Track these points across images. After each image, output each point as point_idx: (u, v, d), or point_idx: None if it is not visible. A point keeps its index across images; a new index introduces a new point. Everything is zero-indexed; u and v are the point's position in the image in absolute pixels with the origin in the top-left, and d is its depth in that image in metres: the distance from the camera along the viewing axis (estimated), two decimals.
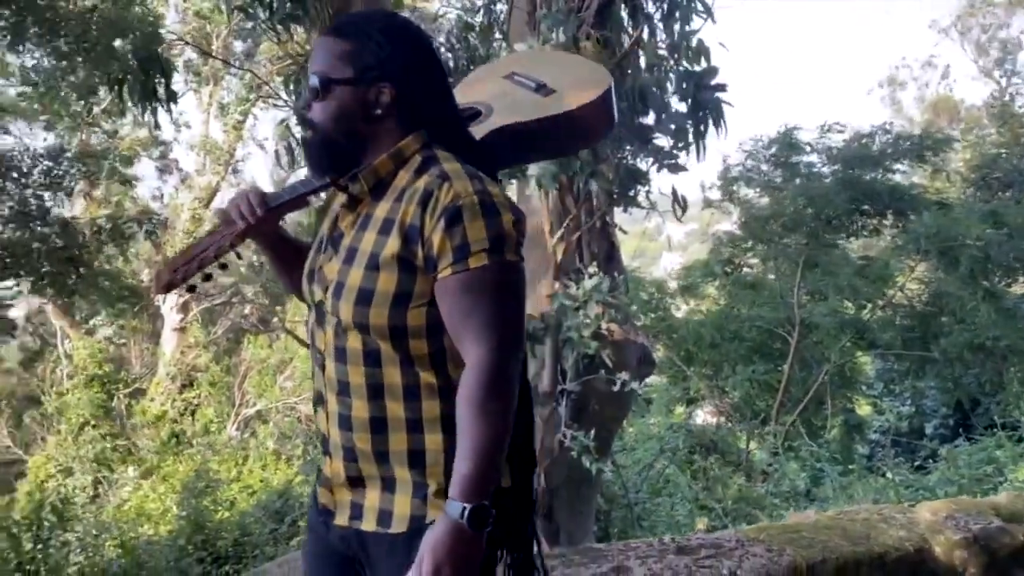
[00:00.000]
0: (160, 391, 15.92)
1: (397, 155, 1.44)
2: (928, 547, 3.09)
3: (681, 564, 2.81)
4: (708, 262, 12.62)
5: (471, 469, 1.29)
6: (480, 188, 1.36)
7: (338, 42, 1.44)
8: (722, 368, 11.50)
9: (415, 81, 1.44)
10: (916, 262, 11.49)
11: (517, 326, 1.37)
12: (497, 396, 1.31)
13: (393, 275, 1.36)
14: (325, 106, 1.43)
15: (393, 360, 1.39)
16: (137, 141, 16.52)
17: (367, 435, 1.41)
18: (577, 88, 1.66)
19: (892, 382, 13.50)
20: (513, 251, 1.36)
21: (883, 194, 10.69)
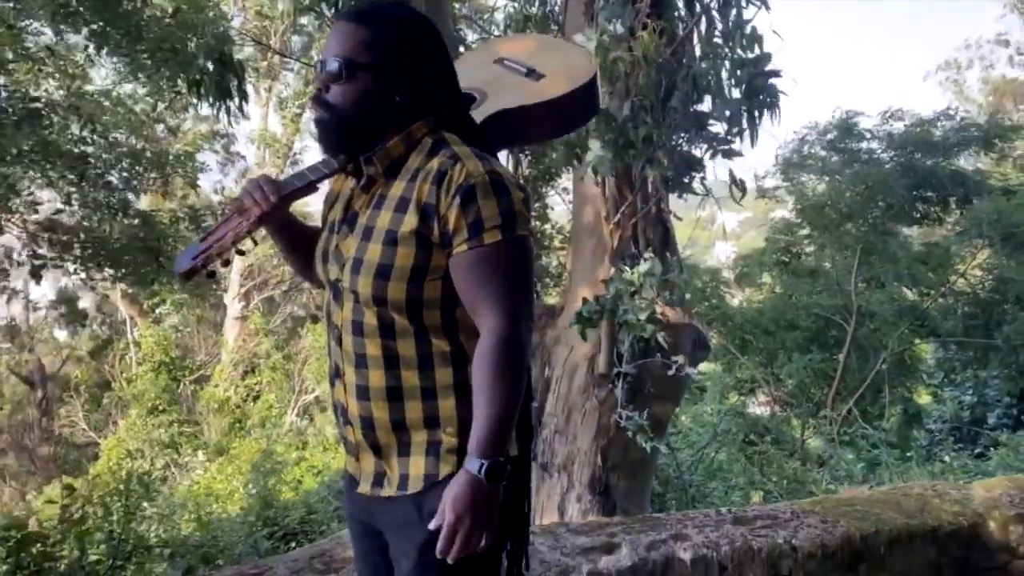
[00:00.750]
0: (224, 377, 16.46)
1: (408, 138, 1.51)
2: (982, 523, 3.14)
3: (737, 533, 2.92)
4: (765, 250, 12.54)
5: (488, 428, 1.37)
6: (491, 168, 1.43)
7: (360, 29, 1.48)
8: (777, 356, 11.46)
9: (429, 70, 1.52)
10: (978, 249, 11.27)
11: (528, 297, 1.46)
12: (511, 362, 1.39)
13: (411, 250, 1.43)
14: (346, 89, 1.48)
15: (407, 331, 1.47)
16: (200, 136, 17.07)
17: (384, 403, 1.48)
18: (565, 74, 1.72)
19: (953, 371, 13.27)
20: (523, 227, 1.44)
21: (944, 180, 10.50)
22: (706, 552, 2.81)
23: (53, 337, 18.86)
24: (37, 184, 6.80)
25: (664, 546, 2.81)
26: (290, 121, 17.36)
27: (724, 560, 2.82)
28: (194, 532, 6.31)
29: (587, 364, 5.06)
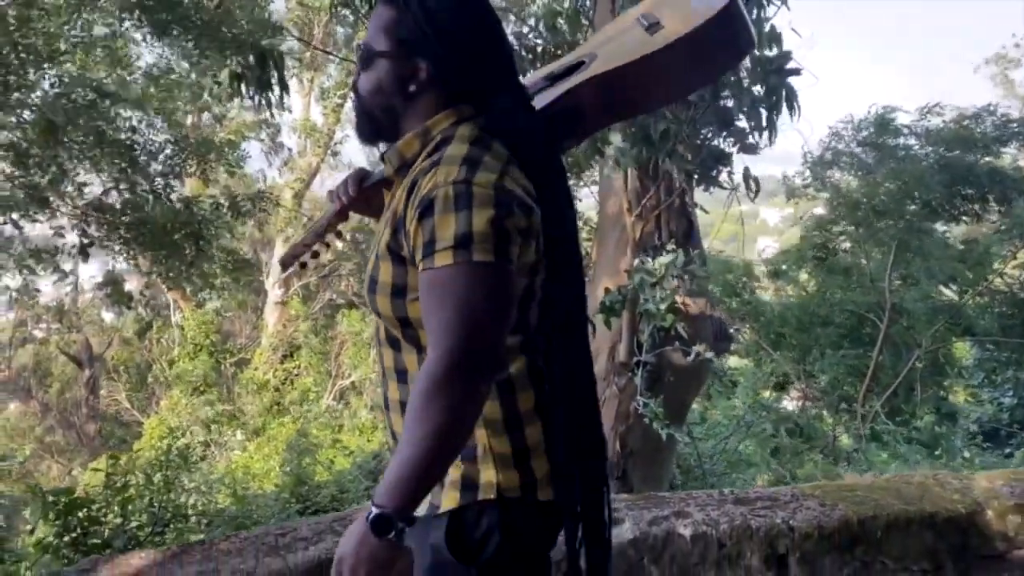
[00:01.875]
0: (263, 361, 16.90)
1: (424, 134, 1.36)
2: (981, 511, 3.22)
3: (737, 512, 3.05)
4: (801, 246, 12.51)
5: (393, 475, 1.20)
6: (462, 178, 1.22)
7: (385, 10, 1.38)
8: (810, 352, 11.44)
9: (455, 55, 1.34)
10: (1018, 248, 11.12)
11: (479, 332, 1.21)
12: (438, 405, 1.18)
13: (389, 266, 1.31)
14: (367, 77, 1.40)
15: (409, 348, 1.36)
16: (244, 124, 17.48)
17: (399, 417, 1.38)
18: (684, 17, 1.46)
19: (994, 371, 13.10)
20: (486, 250, 1.20)
21: (983, 177, 10.38)
22: (706, 529, 2.94)
23: (100, 318, 19.43)
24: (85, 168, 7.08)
25: (665, 522, 2.95)
26: (331, 111, 17.67)
27: (723, 537, 2.95)
28: (230, 505, 6.60)
29: (608, 352, 5.20)
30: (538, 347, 1.38)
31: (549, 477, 1.36)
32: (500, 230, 1.22)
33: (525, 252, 1.28)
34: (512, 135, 1.34)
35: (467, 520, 1.33)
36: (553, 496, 1.36)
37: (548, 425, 1.37)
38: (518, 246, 1.25)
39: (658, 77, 1.49)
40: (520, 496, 1.33)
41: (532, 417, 1.37)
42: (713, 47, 1.47)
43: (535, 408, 1.37)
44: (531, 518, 1.36)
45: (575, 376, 1.41)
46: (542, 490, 1.35)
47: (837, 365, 11.09)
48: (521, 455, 1.35)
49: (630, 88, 1.49)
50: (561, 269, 1.38)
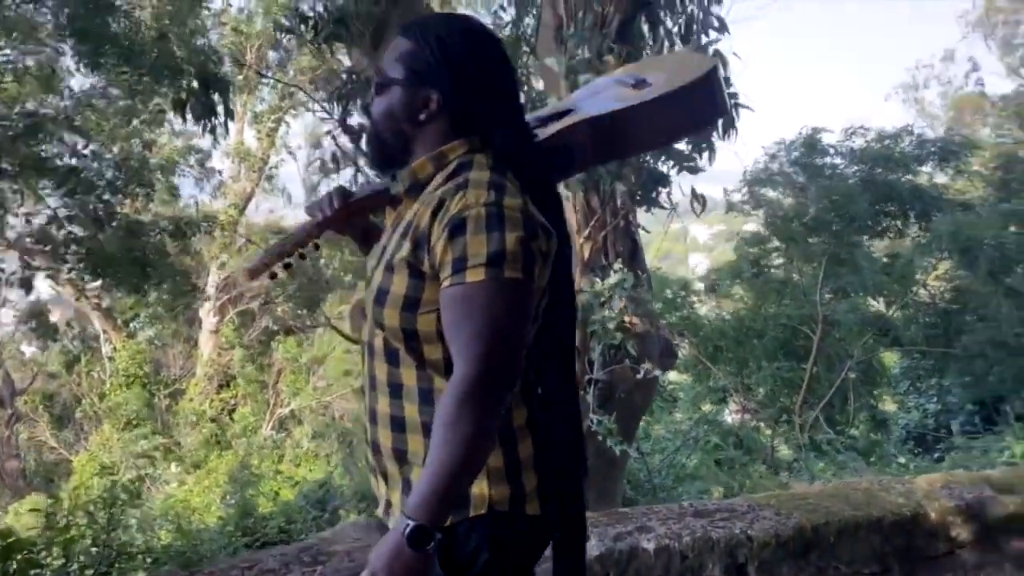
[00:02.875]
0: (199, 391, 16.49)
1: (438, 159, 1.43)
2: (924, 513, 3.38)
3: (698, 525, 3.13)
4: (735, 262, 12.87)
5: (425, 487, 1.24)
6: (493, 200, 1.30)
7: (401, 41, 1.45)
8: (747, 365, 11.74)
9: (466, 87, 1.41)
10: (938, 261, 11.65)
11: (506, 346, 1.29)
12: (468, 416, 1.24)
13: (404, 279, 1.36)
14: (380, 103, 1.46)
15: (409, 362, 1.39)
16: (175, 150, 17.14)
17: (388, 432, 1.42)
18: (668, 78, 1.62)
19: (918, 379, 13.64)
20: (516, 268, 1.28)
21: (905, 195, 10.89)
22: (668, 542, 3.01)
23: (20, 352, 18.70)
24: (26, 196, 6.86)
25: (629, 537, 3.01)
26: (265, 136, 17.47)
27: (685, 550, 3.03)
28: (175, 540, 6.42)
29: None
30: (531, 365, 1.42)
31: (537, 491, 1.40)
32: (528, 250, 1.29)
33: (542, 274, 1.35)
34: (519, 167, 1.42)
35: (457, 536, 1.36)
36: (541, 510, 1.40)
37: (538, 441, 1.42)
38: (539, 267, 1.33)
39: (645, 125, 1.63)
40: (509, 510, 1.37)
41: (524, 432, 1.41)
42: (693, 105, 1.64)
43: (527, 423, 1.42)
44: (519, 532, 1.39)
45: (564, 395, 1.48)
46: (530, 504, 1.39)
47: (773, 377, 11.40)
48: (513, 469, 1.39)
49: (619, 132, 1.62)
50: (559, 294, 1.45)
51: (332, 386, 15.97)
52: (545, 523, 1.42)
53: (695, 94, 1.61)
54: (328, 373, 15.98)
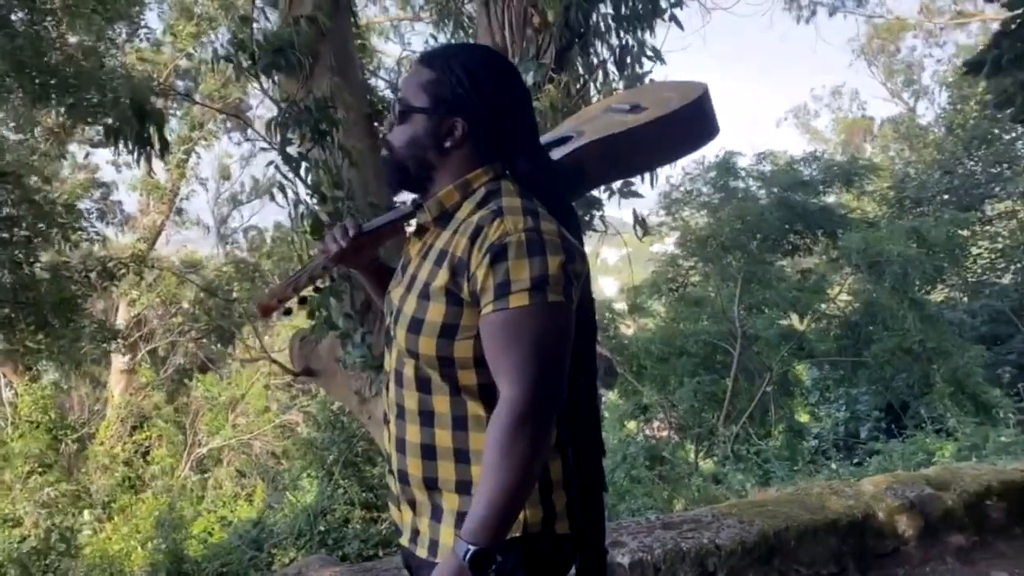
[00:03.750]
0: (110, 434, 15.75)
1: (464, 186, 1.44)
2: (873, 513, 3.57)
3: (668, 537, 3.22)
4: (654, 281, 13.23)
5: (484, 511, 1.26)
6: (532, 226, 1.33)
7: (423, 71, 1.46)
8: (670, 382, 12.04)
9: (490, 116, 1.44)
10: (847, 276, 12.27)
11: (554, 368, 1.31)
12: (523, 439, 1.26)
13: (441, 306, 1.36)
14: (403, 130, 1.47)
15: (442, 389, 1.39)
16: (77, 184, 16.48)
17: (418, 460, 1.42)
18: (668, 101, 1.71)
19: (827, 390, 14.26)
20: (559, 292, 1.31)
21: (814, 214, 11.48)
22: (642, 556, 3.09)
23: None
24: None
25: None
26: (175, 167, 16.99)
27: (658, 562, 3.11)
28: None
29: None
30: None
31: (566, 510, 1.43)
32: (567, 274, 1.32)
33: (576, 296, 1.37)
34: (542, 192, 1.45)
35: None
36: (569, 529, 1.43)
37: (567, 460, 1.45)
38: (575, 289, 1.36)
39: (649, 144, 1.70)
40: (541, 530, 1.39)
41: (555, 453, 1.44)
42: (691, 125, 1.73)
43: (556, 444, 1.44)
44: (550, 551, 1.41)
45: (588, 413, 1.52)
46: (560, 523, 1.41)
47: (696, 392, 11.73)
48: (546, 490, 1.41)
49: (626, 152, 1.69)
50: (583, 312, 1.45)
51: (253, 423, 15.53)
52: (573, 541, 1.45)
53: (692, 115, 1.70)
54: (250, 410, 15.53)
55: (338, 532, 7.45)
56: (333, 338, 5.80)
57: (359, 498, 7.85)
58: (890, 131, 26.22)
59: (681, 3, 4.53)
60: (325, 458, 8.42)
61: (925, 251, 10.77)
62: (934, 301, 13.05)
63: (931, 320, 10.75)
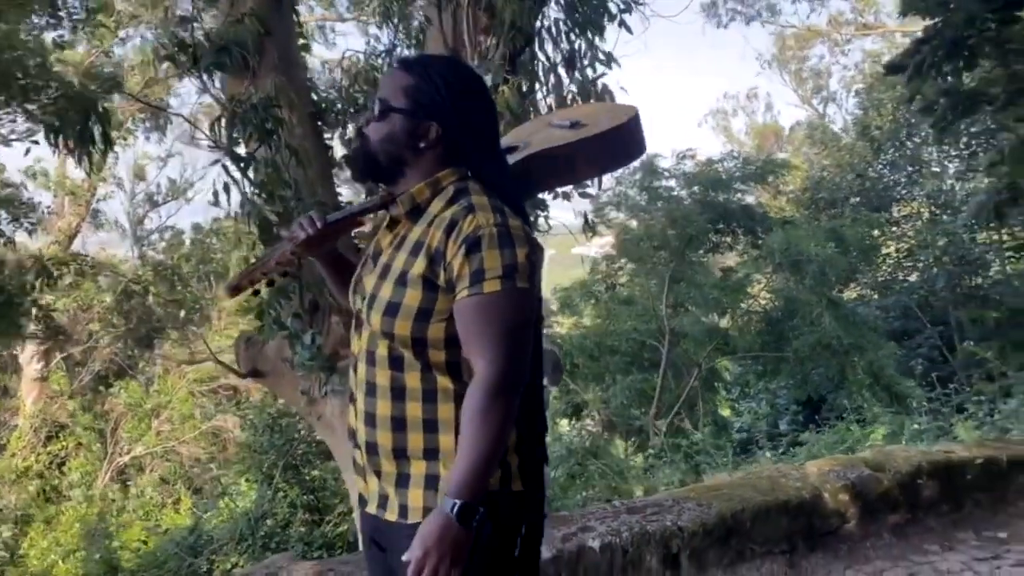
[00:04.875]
0: (22, 445, 15.07)
1: (435, 184, 1.59)
2: (819, 494, 3.79)
3: (633, 520, 3.37)
4: (586, 282, 13.47)
5: (464, 469, 1.42)
6: (500, 221, 1.49)
7: (404, 75, 1.60)
8: (603, 379, 12.29)
9: (462, 123, 1.59)
10: (769, 275, 12.76)
11: (521, 346, 1.49)
12: (496, 407, 1.43)
13: (418, 292, 1.51)
14: (380, 127, 1.61)
15: (414, 366, 1.54)
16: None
17: (388, 432, 1.55)
18: (602, 121, 1.91)
19: (747, 385, 14.79)
20: (525, 279, 1.48)
21: (736, 214, 11.91)
22: (611, 539, 3.23)
23: None
24: None
25: (575, 538, 3.20)
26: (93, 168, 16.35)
27: (626, 545, 3.25)
28: None
29: None
30: None
31: (519, 470, 1.57)
32: (532, 263, 1.50)
33: (537, 283, 1.55)
34: (502, 195, 1.60)
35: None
36: (523, 487, 1.57)
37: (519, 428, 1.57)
38: (537, 278, 1.54)
39: (589, 157, 1.92)
40: (499, 488, 1.53)
41: None
42: (625, 142, 1.94)
43: None
44: (507, 507, 1.54)
45: (536, 388, 1.67)
46: (515, 482, 1.56)
47: (628, 389, 12.01)
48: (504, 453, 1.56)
49: (569, 163, 1.92)
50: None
51: (177, 430, 15.10)
52: (526, 498, 1.59)
53: (626, 133, 1.91)
54: (175, 416, 15.10)
55: (280, 536, 7.36)
56: (280, 339, 5.76)
57: (301, 501, 7.79)
58: (801, 135, 27.34)
59: (631, 9, 4.69)
60: (263, 462, 8.31)
61: (842, 251, 11.30)
62: (849, 298, 13.70)
63: (847, 318, 11.30)
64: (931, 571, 3.55)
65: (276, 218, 5.20)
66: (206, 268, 18.66)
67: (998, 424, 7.93)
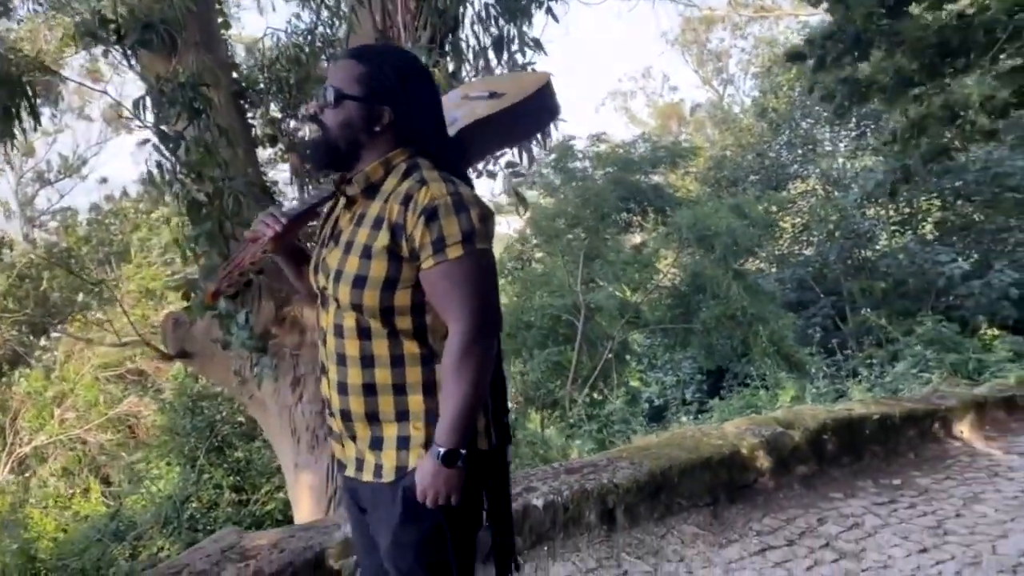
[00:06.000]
0: None
1: (387, 163, 1.70)
2: (738, 450, 4.12)
3: (572, 480, 3.61)
4: (501, 259, 13.68)
5: (447, 421, 1.58)
6: (453, 190, 1.60)
7: (356, 65, 1.69)
8: (520, 354, 12.58)
9: (412, 107, 1.70)
10: (678, 250, 13.28)
11: (489, 304, 1.61)
12: (472, 360, 1.57)
13: (383, 263, 1.61)
14: (335, 114, 1.69)
15: (382, 334, 1.65)
16: None
17: (360, 398, 1.67)
18: (519, 88, 2.01)
19: (655, 357, 15.37)
20: (484, 240, 1.60)
21: (646, 192, 12.34)
22: (553, 498, 3.46)
23: None
24: None
25: (520, 498, 3.41)
26: None
27: (567, 502, 3.49)
28: None
29: None
30: None
31: (485, 431, 1.71)
32: (488, 226, 1.63)
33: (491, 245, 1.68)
34: (450, 168, 1.72)
35: None
36: (488, 446, 1.71)
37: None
38: (491, 240, 1.66)
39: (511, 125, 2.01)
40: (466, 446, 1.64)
41: None
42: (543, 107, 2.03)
43: None
44: (474, 464, 1.66)
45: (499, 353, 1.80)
46: (481, 440, 1.69)
47: (544, 363, 12.33)
48: None
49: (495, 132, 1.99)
50: None
51: (82, 417, 14.57)
52: (492, 456, 1.74)
53: (543, 98, 2.01)
54: (79, 403, 14.56)
55: (207, 517, 7.33)
56: (209, 319, 5.75)
57: (227, 482, 7.75)
58: (702, 116, 28.25)
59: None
60: (184, 445, 8.20)
61: (747, 226, 11.88)
62: (753, 271, 14.39)
63: (751, 289, 11.91)
64: (837, 515, 3.93)
65: (206, 198, 5.19)
66: (107, 251, 17.98)
67: (887, 386, 8.61)
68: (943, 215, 14.79)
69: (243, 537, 3.13)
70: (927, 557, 3.44)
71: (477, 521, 1.76)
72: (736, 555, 3.46)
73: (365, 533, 1.84)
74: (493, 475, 1.76)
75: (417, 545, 1.68)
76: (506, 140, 2.32)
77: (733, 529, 3.74)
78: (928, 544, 3.58)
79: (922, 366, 8.62)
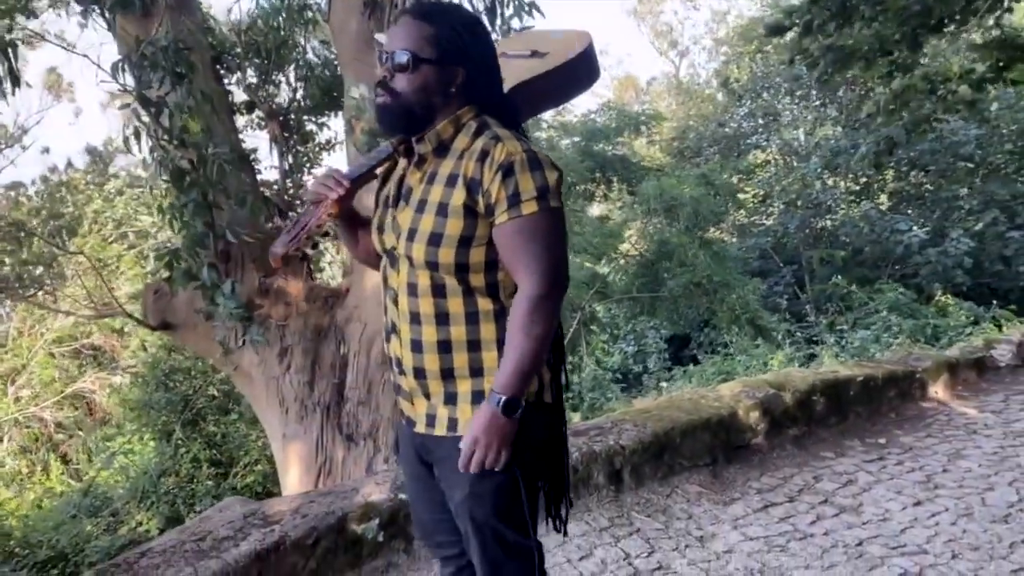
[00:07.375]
0: None
1: (456, 121, 1.68)
2: (735, 411, 4.22)
3: (580, 442, 3.66)
4: None
5: (509, 372, 1.57)
6: (527, 148, 1.59)
7: (425, 26, 1.65)
8: None
9: (480, 66, 1.69)
10: (644, 220, 13.40)
11: (560, 261, 1.61)
12: (537, 317, 1.57)
13: (460, 220, 1.60)
14: (411, 79, 1.65)
15: (456, 291, 1.65)
16: None
17: (435, 355, 1.68)
18: (563, 48, 1.98)
19: (617, 327, 15.56)
20: (557, 199, 1.60)
21: (613, 163, 12.40)
22: None
23: None
24: None
25: None
26: None
27: (576, 463, 3.54)
28: None
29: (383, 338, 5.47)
30: None
31: (551, 384, 1.74)
32: (559, 185, 1.63)
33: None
34: (511, 126, 1.71)
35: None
36: (551, 399, 1.75)
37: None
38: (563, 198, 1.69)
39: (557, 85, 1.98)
40: (535, 399, 1.69)
41: None
42: (588, 68, 2.02)
43: None
44: (540, 414, 1.71)
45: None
46: (546, 393, 1.73)
47: None
48: None
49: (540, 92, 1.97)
50: None
51: (38, 396, 14.23)
52: (554, 408, 1.77)
53: (589, 58, 1.99)
54: (34, 380, 14.20)
55: (185, 491, 7.24)
56: (191, 290, 5.64)
57: (204, 455, 7.66)
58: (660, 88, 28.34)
59: None
60: (157, 419, 8.07)
61: (712, 195, 12.03)
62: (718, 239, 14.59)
63: (717, 257, 12.10)
64: (831, 473, 4.06)
65: (189, 165, 5.07)
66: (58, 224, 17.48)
67: (853, 351, 8.86)
68: (898, 185, 15.17)
69: (262, 504, 3.12)
70: (922, 509, 3.58)
71: (544, 473, 1.79)
72: (741, 512, 3.56)
73: (427, 488, 1.85)
74: (555, 427, 1.79)
75: (493, 495, 1.69)
76: (550, 101, 2.20)
77: (734, 488, 3.84)
78: (921, 497, 3.72)
79: (889, 332, 8.87)
